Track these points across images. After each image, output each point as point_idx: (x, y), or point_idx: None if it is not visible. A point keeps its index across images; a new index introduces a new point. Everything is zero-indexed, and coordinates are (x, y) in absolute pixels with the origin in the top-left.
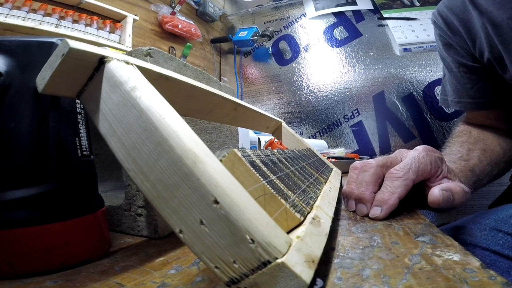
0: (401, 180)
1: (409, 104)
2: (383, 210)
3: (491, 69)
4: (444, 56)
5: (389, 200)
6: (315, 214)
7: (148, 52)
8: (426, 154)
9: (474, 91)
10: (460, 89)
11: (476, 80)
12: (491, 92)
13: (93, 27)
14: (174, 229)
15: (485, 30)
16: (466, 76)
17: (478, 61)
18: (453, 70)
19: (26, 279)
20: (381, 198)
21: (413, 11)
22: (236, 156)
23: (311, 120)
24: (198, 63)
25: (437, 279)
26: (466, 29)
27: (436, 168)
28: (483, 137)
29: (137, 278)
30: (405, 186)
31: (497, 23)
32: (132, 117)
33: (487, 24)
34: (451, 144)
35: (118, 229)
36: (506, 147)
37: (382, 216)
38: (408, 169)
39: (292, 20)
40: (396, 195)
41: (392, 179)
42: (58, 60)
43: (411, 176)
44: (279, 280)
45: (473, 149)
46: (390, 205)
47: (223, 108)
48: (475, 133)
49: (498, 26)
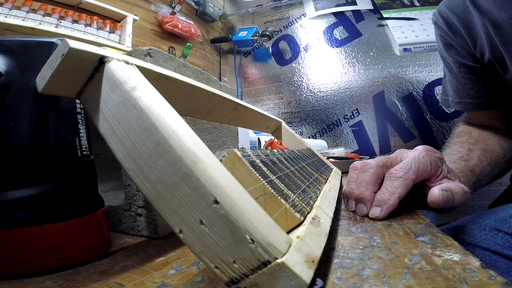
0: (401, 180)
1: (409, 104)
2: (383, 210)
3: (492, 69)
4: (444, 57)
5: (389, 200)
6: (315, 214)
7: (148, 52)
8: (426, 154)
9: (474, 91)
10: (461, 89)
11: (477, 81)
12: (491, 93)
13: (93, 27)
14: (174, 229)
15: (486, 31)
16: (466, 77)
17: (478, 62)
18: (454, 70)
19: (26, 279)
20: (381, 198)
21: (413, 11)
22: (236, 156)
23: (311, 120)
24: (198, 63)
25: (437, 279)
26: (467, 29)
27: (436, 168)
28: (483, 138)
29: (137, 278)
30: (405, 186)
31: (498, 24)
32: (132, 117)
33: (488, 24)
34: (451, 144)
35: (118, 229)
36: (506, 147)
37: (382, 216)
38: (408, 169)
39: (292, 20)
40: (396, 195)
41: (392, 179)
42: (58, 60)
43: (411, 176)
44: (279, 280)
45: (473, 149)
46: (390, 205)
47: (223, 108)
48: (475, 134)
49: (499, 27)
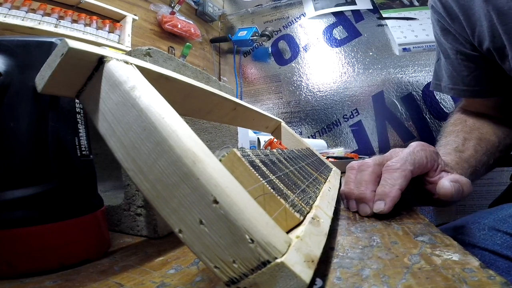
0: (399, 171)
1: (408, 104)
2: (386, 203)
3: (490, 58)
4: (441, 42)
5: (390, 192)
6: (314, 213)
7: (147, 52)
8: (420, 149)
9: (470, 78)
10: (456, 76)
11: (473, 68)
12: (487, 81)
13: (93, 26)
14: (174, 229)
15: (489, 18)
16: (463, 64)
17: (476, 50)
18: (450, 56)
19: (26, 279)
20: (382, 192)
21: (412, 11)
22: (235, 156)
23: (311, 120)
24: (197, 63)
25: (436, 279)
26: (466, 16)
27: (433, 162)
28: (478, 126)
29: (136, 278)
30: (404, 177)
31: (503, 12)
32: (131, 116)
33: (492, 12)
34: (446, 134)
35: (117, 229)
36: (501, 136)
37: (387, 210)
38: (405, 161)
39: (291, 20)
40: (397, 186)
41: (390, 171)
42: (57, 60)
43: (409, 167)
44: (279, 280)
45: (469, 138)
46: (393, 197)
47: (223, 108)
48: (471, 122)
49: (504, 15)
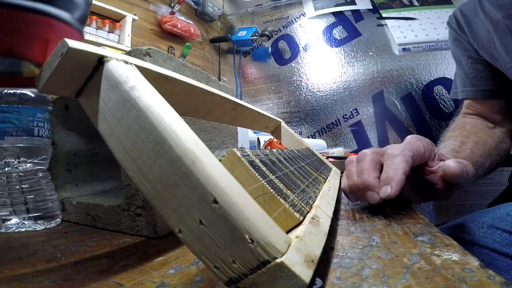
0: (400, 156)
1: (408, 103)
2: (392, 187)
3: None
4: (455, 51)
5: (395, 175)
6: (314, 213)
7: (147, 52)
8: (416, 139)
9: (476, 79)
10: (465, 79)
11: (480, 70)
12: (491, 82)
13: (92, 26)
14: (174, 228)
15: (487, 28)
16: (472, 67)
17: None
18: (462, 62)
19: (26, 279)
20: (386, 177)
21: (412, 10)
22: (235, 155)
23: (310, 119)
24: (197, 63)
25: (436, 279)
26: (469, 27)
27: (430, 152)
28: (476, 130)
29: (136, 278)
30: (406, 161)
31: (496, 22)
32: (131, 116)
33: (489, 23)
34: (445, 139)
35: (117, 228)
36: (497, 139)
37: (394, 193)
38: (404, 148)
39: (291, 19)
40: (401, 170)
41: (392, 157)
42: (57, 59)
43: (409, 153)
44: (278, 279)
45: (466, 141)
46: (398, 180)
47: (222, 108)
48: (469, 127)
49: (496, 24)
